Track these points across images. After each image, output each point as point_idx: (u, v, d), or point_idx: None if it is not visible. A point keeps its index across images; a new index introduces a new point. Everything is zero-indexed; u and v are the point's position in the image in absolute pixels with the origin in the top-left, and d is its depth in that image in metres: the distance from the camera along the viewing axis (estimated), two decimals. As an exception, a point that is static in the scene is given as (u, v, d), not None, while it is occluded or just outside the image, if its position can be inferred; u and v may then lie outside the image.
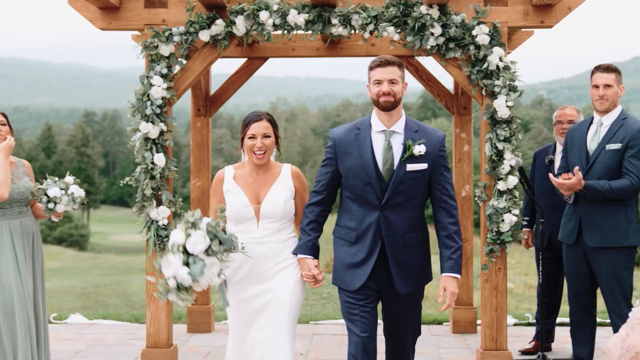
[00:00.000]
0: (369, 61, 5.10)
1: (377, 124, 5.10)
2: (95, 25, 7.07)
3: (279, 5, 6.85)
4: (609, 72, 6.43)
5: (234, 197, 5.25)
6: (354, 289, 5.06)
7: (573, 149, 6.55)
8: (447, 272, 5.05)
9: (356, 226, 5.10)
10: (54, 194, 6.20)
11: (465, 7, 6.87)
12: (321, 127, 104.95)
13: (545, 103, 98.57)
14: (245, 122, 5.28)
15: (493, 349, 6.91)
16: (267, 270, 5.20)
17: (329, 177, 5.20)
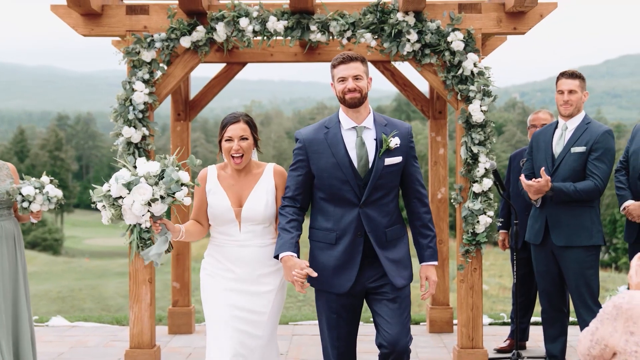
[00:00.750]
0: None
1: (347, 121, 5.01)
2: (77, 31, 7.18)
3: (259, 12, 7.00)
4: (574, 78, 6.64)
5: (215, 199, 5.17)
6: (344, 291, 4.94)
7: (539, 152, 6.75)
8: (428, 261, 5.06)
9: (334, 227, 4.97)
10: (27, 192, 6.26)
11: (440, 14, 7.06)
12: (295, 130, 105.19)
13: (519, 106, 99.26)
14: (223, 123, 5.20)
15: (469, 347, 7.09)
16: (249, 273, 5.12)
17: (301, 180, 5.05)
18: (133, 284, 7.12)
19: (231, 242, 5.15)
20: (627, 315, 3.32)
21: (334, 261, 4.95)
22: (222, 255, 5.18)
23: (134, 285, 7.12)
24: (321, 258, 5.00)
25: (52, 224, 74.25)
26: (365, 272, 4.97)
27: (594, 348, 3.42)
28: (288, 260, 4.86)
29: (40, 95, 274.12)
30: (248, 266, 5.12)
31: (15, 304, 6.37)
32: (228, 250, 5.15)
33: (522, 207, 7.68)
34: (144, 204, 4.62)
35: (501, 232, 8.12)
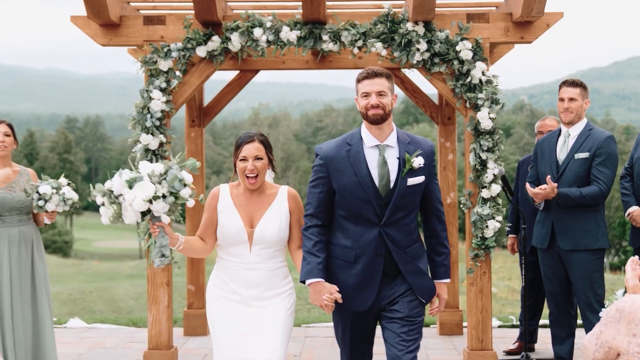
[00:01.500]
0: (355, 71, 5.27)
1: (369, 138, 4.87)
2: (96, 41, 7.38)
3: (272, 22, 7.18)
4: (575, 86, 6.82)
5: (227, 218, 5.06)
6: (364, 309, 4.86)
7: (544, 159, 6.92)
8: (441, 279, 5.00)
9: (353, 245, 4.85)
10: (45, 190, 6.46)
11: (449, 24, 7.23)
12: (303, 133, 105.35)
13: (527, 108, 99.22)
14: (237, 143, 5.09)
15: (479, 349, 7.25)
16: (257, 295, 5.02)
17: (322, 198, 4.91)
18: (151, 286, 7.31)
19: (240, 264, 5.05)
20: (630, 319, 3.48)
21: (354, 279, 4.85)
22: (230, 277, 5.07)
23: (151, 287, 7.31)
24: (340, 276, 4.89)
25: (61, 226, 74.48)
26: (384, 292, 4.89)
27: (599, 351, 3.59)
28: (317, 285, 4.81)
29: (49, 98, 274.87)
30: (256, 289, 5.02)
31: (35, 306, 6.58)
32: (236, 273, 5.05)
33: (530, 212, 7.84)
34: (145, 200, 4.59)
35: (510, 237, 8.29)
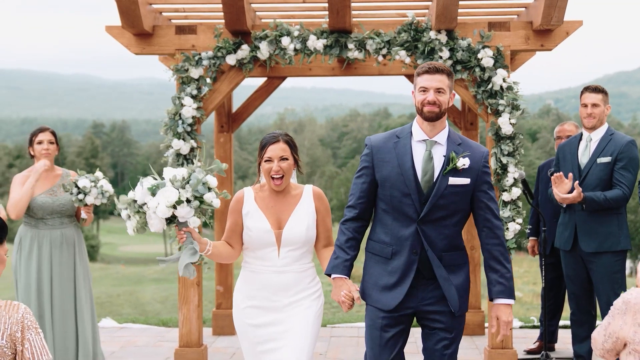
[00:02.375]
0: (379, 77, 5.36)
1: (419, 132, 4.75)
2: (130, 50, 7.66)
3: (300, 31, 7.43)
4: (597, 92, 7.00)
5: (254, 221, 4.99)
6: (389, 308, 4.71)
7: (566, 164, 7.12)
8: (498, 298, 4.70)
9: (391, 241, 4.74)
10: (83, 184, 6.78)
11: (471, 32, 7.45)
12: (329, 138, 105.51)
13: (553, 112, 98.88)
14: (262, 144, 5.04)
15: (499, 348, 7.45)
16: (284, 299, 4.97)
17: (365, 188, 4.82)
18: (182, 287, 7.57)
19: (268, 269, 4.99)
20: (635, 310, 3.69)
21: (387, 276, 4.75)
22: (258, 282, 5.00)
23: (182, 288, 7.57)
24: (374, 271, 4.82)
25: (88, 231, 75.22)
26: (418, 294, 4.72)
27: (607, 342, 3.81)
28: (339, 281, 4.76)
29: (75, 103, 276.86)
30: (285, 293, 4.97)
31: (76, 308, 6.90)
32: (264, 277, 4.98)
33: (550, 215, 8.04)
34: (169, 206, 4.50)
35: (530, 239, 8.48)
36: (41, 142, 6.91)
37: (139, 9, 7.09)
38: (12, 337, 3.56)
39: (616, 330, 3.77)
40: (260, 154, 5.02)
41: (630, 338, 3.70)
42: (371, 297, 4.80)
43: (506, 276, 4.68)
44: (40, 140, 6.91)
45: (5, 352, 3.55)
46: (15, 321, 3.57)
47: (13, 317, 3.57)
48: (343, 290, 4.73)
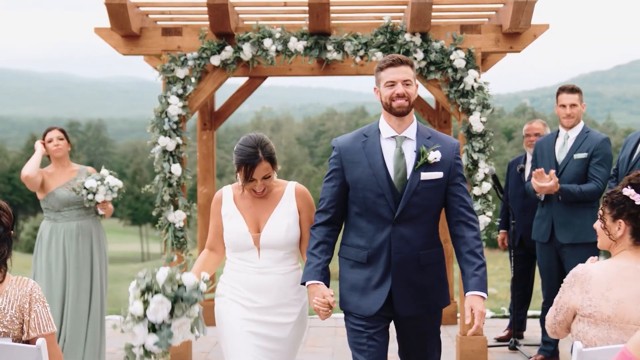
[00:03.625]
0: (357, 77, 5.36)
1: (387, 129, 4.61)
2: (118, 51, 7.98)
3: (281, 33, 7.77)
4: (574, 92, 7.39)
5: (231, 224, 4.80)
6: (371, 314, 4.56)
7: (543, 159, 7.51)
8: (473, 291, 4.52)
9: (367, 244, 4.58)
10: (90, 184, 7.17)
11: (444, 35, 7.83)
12: (306, 136, 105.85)
13: (529, 111, 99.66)
14: (243, 162, 4.68)
15: (471, 335, 7.82)
16: (265, 301, 4.74)
17: (335, 192, 4.65)
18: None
19: (250, 268, 4.77)
20: (582, 280, 4.03)
21: (364, 282, 4.60)
22: (240, 282, 4.80)
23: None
24: (350, 277, 4.66)
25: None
26: (396, 296, 4.59)
27: (559, 315, 4.18)
28: (313, 287, 4.56)
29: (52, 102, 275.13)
30: (267, 294, 4.75)
31: (91, 299, 7.29)
32: (247, 277, 4.77)
33: (519, 209, 8.44)
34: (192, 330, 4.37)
35: (501, 232, 8.87)
36: (51, 140, 7.34)
37: (127, 11, 7.41)
38: (20, 308, 3.95)
39: (566, 301, 4.13)
40: (240, 173, 4.71)
41: (579, 304, 4.04)
42: (350, 303, 4.64)
43: (482, 269, 4.55)
44: (50, 139, 7.35)
45: (14, 321, 3.95)
46: (24, 294, 3.97)
47: (23, 289, 3.98)
48: (315, 297, 4.51)
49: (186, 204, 7.79)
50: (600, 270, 4.02)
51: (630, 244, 4.06)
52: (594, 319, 3.97)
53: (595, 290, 3.98)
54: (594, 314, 3.97)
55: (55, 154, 7.34)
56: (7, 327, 3.94)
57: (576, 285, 4.07)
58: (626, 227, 4.05)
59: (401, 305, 4.58)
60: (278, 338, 4.77)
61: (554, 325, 4.21)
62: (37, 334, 3.98)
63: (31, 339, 3.98)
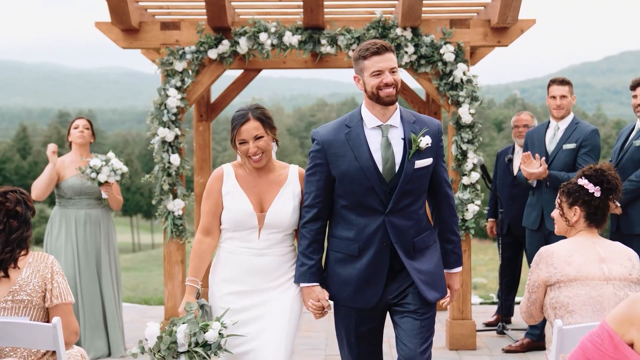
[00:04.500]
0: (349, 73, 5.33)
1: (371, 118, 4.45)
2: (118, 44, 8.21)
3: (276, 27, 8.02)
4: (564, 84, 7.68)
5: (235, 202, 4.64)
6: (370, 306, 4.49)
7: (534, 149, 7.77)
8: (452, 268, 4.69)
9: (356, 237, 4.46)
10: (94, 163, 7.48)
11: (434, 29, 8.08)
12: (296, 127, 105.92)
13: (519, 102, 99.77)
14: (233, 125, 4.63)
15: (459, 319, 8.11)
16: (265, 284, 4.64)
17: (321, 186, 4.50)
18: (167, 264, 8.15)
19: (246, 250, 4.66)
20: (546, 256, 4.51)
21: (358, 275, 4.47)
22: (233, 263, 4.68)
23: (168, 265, 8.15)
24: (342, 271, 4.54)
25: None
26: (391, 285, 4.52)
27: (532, 295, 4.57)
28: (307, 289, 4.56)
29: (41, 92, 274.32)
30: (263, 275, 4.65)
31: (101, 285, 7.59)
32: (242, 259, 4.66)
33: (506, 197, 8.72)
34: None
35: (489, 220, 9.16)
36: (77, 127, 7.70)
37: (127, 6, 7.64)
38: (43, 278, 4.40)
39: (535, 279, 4.55)
40: (232, 133, 4.63)
41: (547, 277, 4.47)
42: (342, 297, 4.54)
43: (459, 246, 4.71)
44: (77, 125, 7.74)
45: (36, 289, 4.37)
46: (46, 266, 4.44)
47: (44, 262, 4.45)
48: (310, 300, 4.52)
49: (185, 193, 8.03)
50: (560, 246, 4.57)
51: (584, 226, 4.62)
52: (562, 282, 4.43)
53: (558, 261, 4.48)
54: (561, 279, 4.44)
55: (77, 140, 7.71)
56: (30, 294, 4.36)
57: (542, 263, 4.53)
58: (581, 213, 4.60)
59: (395, 292, 4.52)
60: (275, 311, 4.60)
61: (529, 308, 4.67)
62: (59, 301, 4.40)
63: (53, 305, 4.40)
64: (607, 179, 4.58)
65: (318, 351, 8.11)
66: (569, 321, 4.38)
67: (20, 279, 4.38)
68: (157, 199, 8.01)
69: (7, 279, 4.37)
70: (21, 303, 4.37)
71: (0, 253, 4.38)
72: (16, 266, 4.39)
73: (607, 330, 3.28)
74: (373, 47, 4.40)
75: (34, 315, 4.40)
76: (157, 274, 45.31)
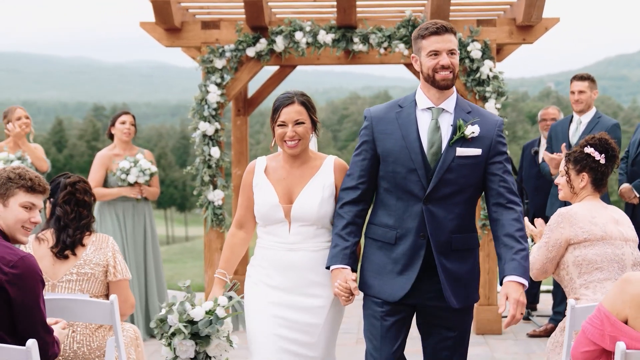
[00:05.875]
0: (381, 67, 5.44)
1: (424, 100, 4.27)
2: (161, 43, 8.66)
3: (311, 27, 8.43)
4: (583, 80, 8.05)
5: (262, 195, 4.52)
6: (395, 299, 4.24)
7: (558, 142, 8.11)
8: (510, 275, 4.10)
9: (395, 224, 4.26)
10: (123, 165, 7.94)
11: (461, 28, 8.45)
12: (329, 120, 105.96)
13: (553, 95, 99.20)
14: (275, 106, 4.50)
15: (486, 304, 8.47)
16: (300, 283, 4.47)
17: (365, 166, 4.33)
18: (207, 252, 8.58)
19: (278, 245, 4.50)
20: (569, 216, 4.86)
21: (391, 264, 4.29)
22: (267, 260, 4.53)
23: (208, 253, 8.58)
24: (376, 259, 4.36)
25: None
26: (424, 284, 4.26)
27: (551, 252, 4.88)
28: (337, 272, 4.29)
29: (75, 86, 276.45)
30: (296, 273, 4.46)
31: (146, 273, 8.12)
32: (274, 254, 4.51)
33: (532, 188, 9.07)
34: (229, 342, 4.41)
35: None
36: (124, 122, 8.16)
37: (170, 7, 8.07)
38: (105, 256, 5.02)
39: (558, 237, 4.89)
40: (273, 117, 4.49)
41: (572, 236, 4.82)
42: (372, 287, 4.35)
43: (522, 254, 4.13)
44: (124, 121, 8.16)
45: (99, 264, 5.00)
46: (107, 245, 5.08)
47: (106, 242, 5.09)
48: (337, 281, 4.24)
49: (224, 184, 8.46)
50: (580, 207, 4.95)
51: (591, 191, 5.03)
52: (590, 241, 4.81)
53: (584, 221, 4.85)
54: (589, 238, 4.81)
55: (124, 137, 8.15)
56: (93, 269, 4.99)
57: (564, 222, 4.88)
58: (588, 179, 5.00)
59: (428, 294, 4.28)
60: (309, 328, 4.45)
61: (545, 264, 4.96)
62: (121, 276, 5.02)
63: (116, 280, 5.01)
64: (611, 147, 5.01)
65: (350, 335, 8.46)
66: (598, 277, 4.77)
67: (85, 254, 5.02)
68: (198, 190, 8.44)
69: (74, 257, 5.01)
70: (84, 276, 4.97)
71: (72, 236, 5.01)
72: (83, 245, 5.04)
73: (604, 311, 3.70)
74: (433, 26, 4.18)
75: (94, 287, 4.99)
76: (191, 266, 45.92)
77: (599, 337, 3.71)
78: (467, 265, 4.30)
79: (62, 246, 4.99)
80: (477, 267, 4.39)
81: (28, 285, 4.00)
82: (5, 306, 3.96)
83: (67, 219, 5.03)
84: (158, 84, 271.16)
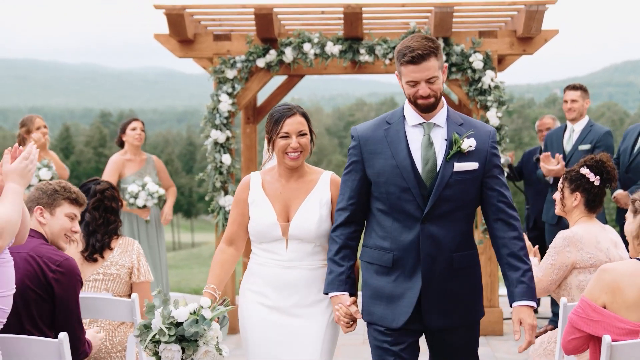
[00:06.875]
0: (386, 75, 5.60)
1: (413, 116, 4.08)
2: (174, 54, 8.97)
3: (319, 38, 8.72)
4: (575, 90, 8.36)
5: (258, 212, 4.39)
6: (397, 326, 4.07)
7: (552, 150, 8.41)
8: (520, 300, 4.05)
9: (392, 246, 4.08)
10: (132, 189, 8.24)
11: (464, 39, 8.75)
12: (335, 127, 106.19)
13: (559, 102, 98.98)
14: (275, 117, 4.35)
15: (487, 307, 8.71)
16: (296, 302, 4.37)
17: (356, 187, 4.15)
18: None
19: (274, 262, 4.38)
20: (575, 241, 5.04)
21: (390, 289, 4.11)
22: (262, 277, 4.42)
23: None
24: (374, 283, 4.17)
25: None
26: (426, 306, 4.09)
27: (557, 273, 5.06)
28: (335, 299, 4.16)
29: (81, 92, 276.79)
30: (292, 292, 4.36)
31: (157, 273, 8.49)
32: (270, 272, 4.39)
33: (533, 194, 9.37)
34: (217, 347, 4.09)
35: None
36: (135, 129, 8.49)
37: (184, 20, 8.39)
38: (131, 259, 5.39)
39: (565, 261, 5.06)
40: (272, 129, 4.35)
41: (578, 260, 5.01)
42: (374, 314, 4.17)
43: (528, 275, 4.06)
44: (134, 127, 8.49)
45: (124, 266, 5.37)
46: (132, 248, 5.45)
47: (132, 245, 5.46)
48: (337, 304, 4.12)
49: (235, 190, 8.75)
50: (582, 230, 5.10)
51: (585, 213, 5.18)
52: (595, 267, 4.97)
53: (589, 246, 5.03)
54: (595, 264, 5.00)
55: (134, 143, 8.46)
56: (118, 269, 5.36)
57: (571, 246, 5.06)
58: (581, 199, 5.16)
59: (431, 315, 4.11)
60: (308, 344, 4.36)
61: (550, 285, 5.14)
62: (144, 278, 5.38)
63: (139, 282, 5.36)
64: (607, 170, 5.17)
65: (356, 335, 8.65)
66: None
67: (111, 256, 5.41)
68: (210, 196, 8.75)
69: (102, 259, 5.42)
70: (110, 276, 5.36)
71: (100, 241, 5.42)
72: (110, 248, 5.43)
73: (585, 300, 4.06)
74: (409, 54, 3.94)
75: (119, 287, 5.36)
76: (197, 272, 46.01)
77: (584, 324, 4.03)
78: (469, 283, 4.19)
79: (91, 250, 5.40)
80: (479, 285, 4.24)
81: (70, 284, 4.40)
82: (50, 301, 4.34)
83: (96, 225, 5.44)
84: (164, 91, 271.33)
